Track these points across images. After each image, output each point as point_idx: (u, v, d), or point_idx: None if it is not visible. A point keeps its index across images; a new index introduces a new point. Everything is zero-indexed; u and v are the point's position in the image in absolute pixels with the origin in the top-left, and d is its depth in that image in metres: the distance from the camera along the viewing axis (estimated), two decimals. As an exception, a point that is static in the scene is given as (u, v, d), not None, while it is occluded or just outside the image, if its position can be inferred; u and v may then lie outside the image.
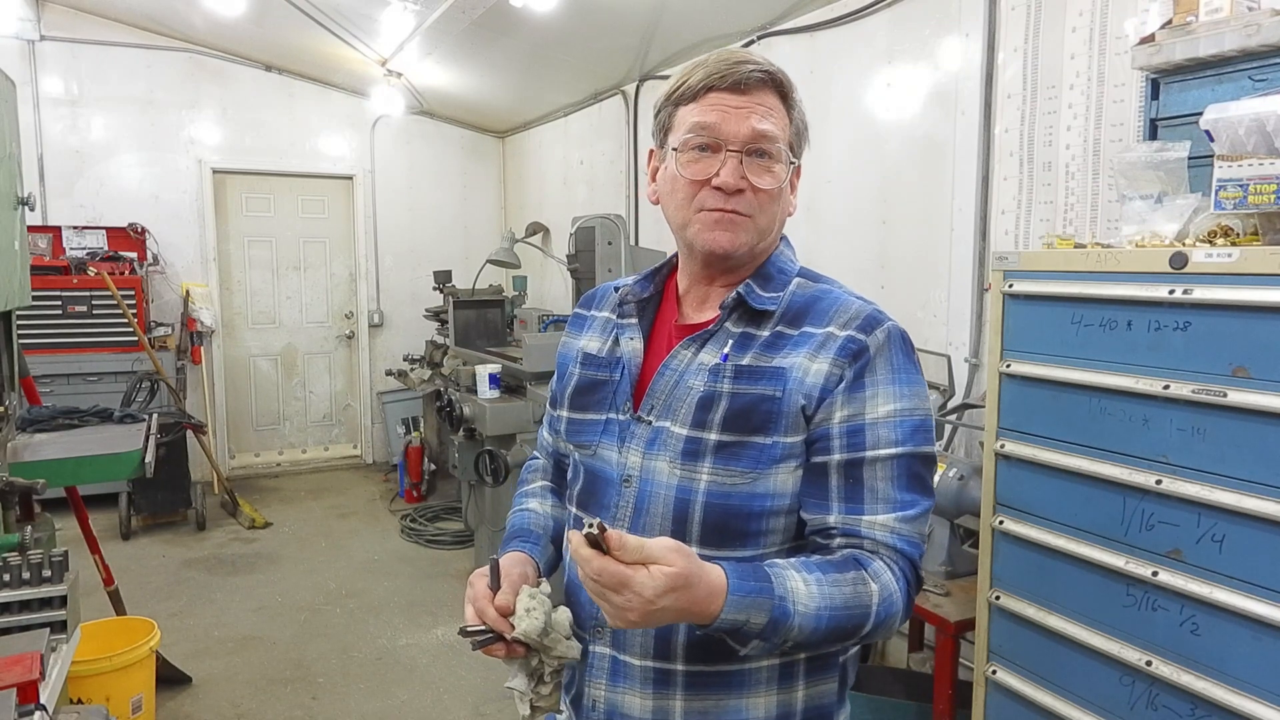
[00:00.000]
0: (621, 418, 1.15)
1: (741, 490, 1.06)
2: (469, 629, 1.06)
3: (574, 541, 0.91)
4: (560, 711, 1.20)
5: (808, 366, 1.06)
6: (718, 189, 1.07)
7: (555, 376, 1.34)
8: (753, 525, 1.07)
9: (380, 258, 6.89)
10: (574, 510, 1.21)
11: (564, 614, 1.08)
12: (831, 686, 1.14)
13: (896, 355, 1.07)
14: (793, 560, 1.01)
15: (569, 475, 1.26)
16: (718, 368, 1.09)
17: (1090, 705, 1.81)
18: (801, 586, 0.96)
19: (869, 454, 1.05)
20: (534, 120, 6.49)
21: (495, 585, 1.07)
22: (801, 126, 1.14)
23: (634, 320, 1.20)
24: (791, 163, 1.11)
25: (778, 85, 1.10)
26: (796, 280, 1.16)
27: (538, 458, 1.41)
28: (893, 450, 1.05)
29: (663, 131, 1.14)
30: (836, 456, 1.05)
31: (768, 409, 1.06)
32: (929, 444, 1.08)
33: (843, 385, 1.05)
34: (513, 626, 1.04)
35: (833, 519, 1.05)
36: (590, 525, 0.89)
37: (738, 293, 1.12)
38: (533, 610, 1.04)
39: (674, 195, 1.12)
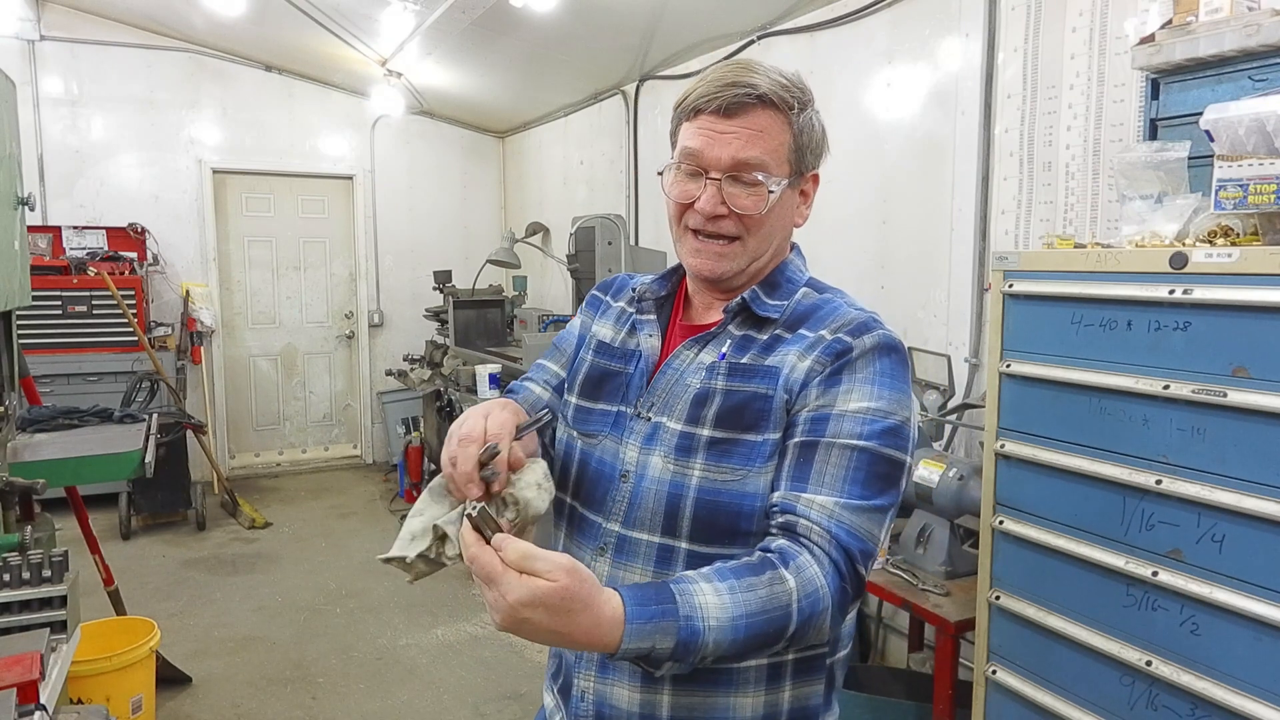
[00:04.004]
0: (629, 411, 1.16)
1: (731, 488, 1.06)
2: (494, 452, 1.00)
3: (464, 525, 0.89)
4: (434, 570, 1.07)
5: (795, 364, 1.07)
6: (700, 212, 1.10)
7: (563, 336, 1.33)
8: (742, 524, 1.07)
9: (380, 258, 6.89)
10: (568, 499, 1.20)
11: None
12: (818, 688, 1.14)
13: (881, 360, 1.06)
14: (705, 570, 0.95)
15: (559, 459, 1.23)
16: (714, 365, 1.11)
17: (1090, 705, 1.81)
18: (712, 598, 0.90)
19: (825, 439, 1.03)
20: (534, 120, 6.49)
21: (521, 434, 1.07)
22: (808, 140, 1.12)
23: (653, 317, 1.22)
24: (785, 180, 1.10)
25: (771, 104, 1.07)
26: (803, 290, 1.17)
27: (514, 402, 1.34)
28: (854, 442, 1.02)
29: (672, 142, 1.17)
30: (796, 439, 1.05)
31: (760, 407, 1.07)
32: (898, 450, 1.04)
33: (820, 379, 1.05)
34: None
35: (776, 496, 1.03)
36: (473, 508, 0.87)
37: (743, 298, 1.14)
38: (543, 488, 1.01)
39: (669, 210, 1.16)
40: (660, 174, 1.16)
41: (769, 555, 0.98)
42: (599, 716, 1.13)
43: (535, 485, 1.01)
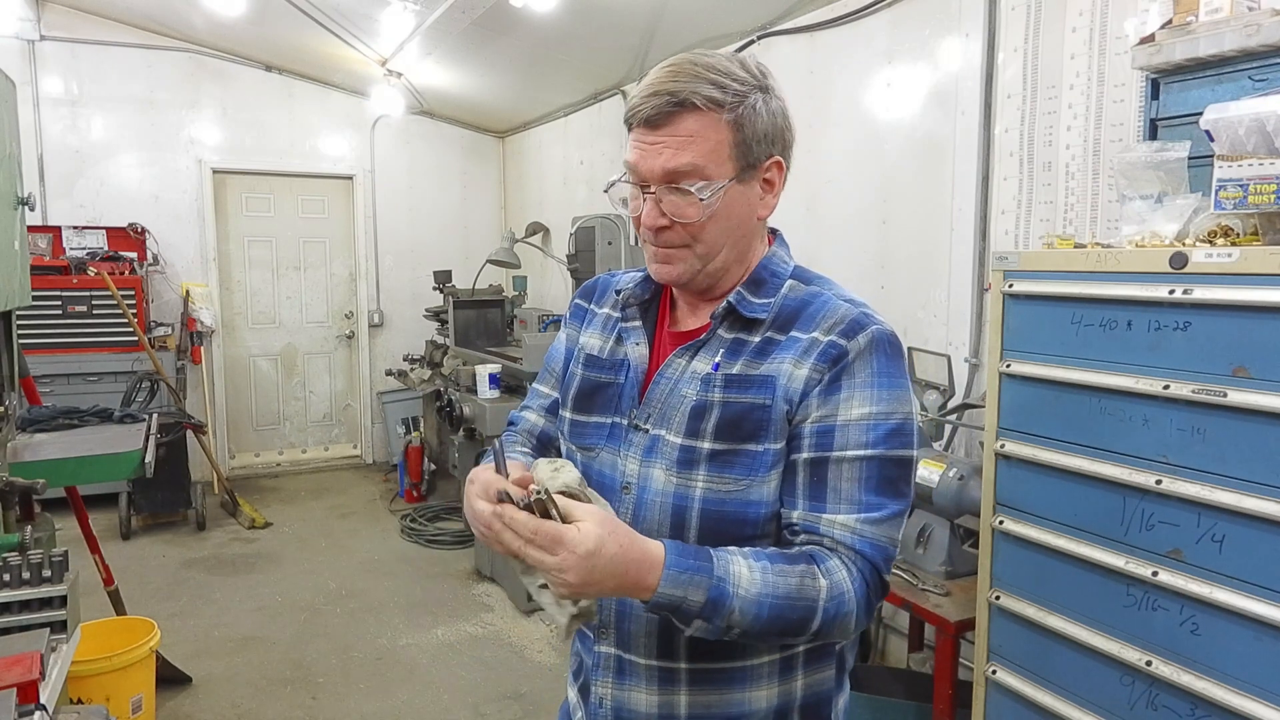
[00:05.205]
0: (624, 422, 1.16)
1: (736, 497, 1.07)
2: (506, 494, 0.96)
3: (508, 512, 0.93)
4: (591, 616, 1.06)
5: (792, 372, 1.07)
6: (645, 226, 1.09)
7: (552, 355, 1.34)
8: (748, 530, 1.08)
9: (380, 258, 6.89)
10: None
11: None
12: (829, 674, 1.16)
13: (878, 359, 1.06)
14: (744, 549, 1.02)
15: None
16: (709, 377, 1.10)
17: (1090, 705, 1.81)
18: (745, 572, 0.97)
19: (835, 454, 1.04)
20: (534, 120, 6.49)
21: (503, 469, 1.02)
22: (753, 131, 1.06)
23: (638, 324, 1.21)
24: (727, 181, 1.05)
25: (695, 107, 1.03)
26: (789, 283, 1.15)
27: (513, 436, 1.34)
28: (861, 452, 1.04)
29: None
30: (805, 454, 1.06)
31: (758, 417, 1.07)
32: (905, 448, 1.06)
33: (819, 388, 1.05)
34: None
35: (796, 515, 1.06)
36: (520, 499, 0.92)
37: (729, 301, 1.12)
38: (560, 469, 0.99)
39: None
40: (606, 191, 1.15)
41: (805, 551, 1.03)
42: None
43: (552, 472, 1.00)
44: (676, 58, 1.07)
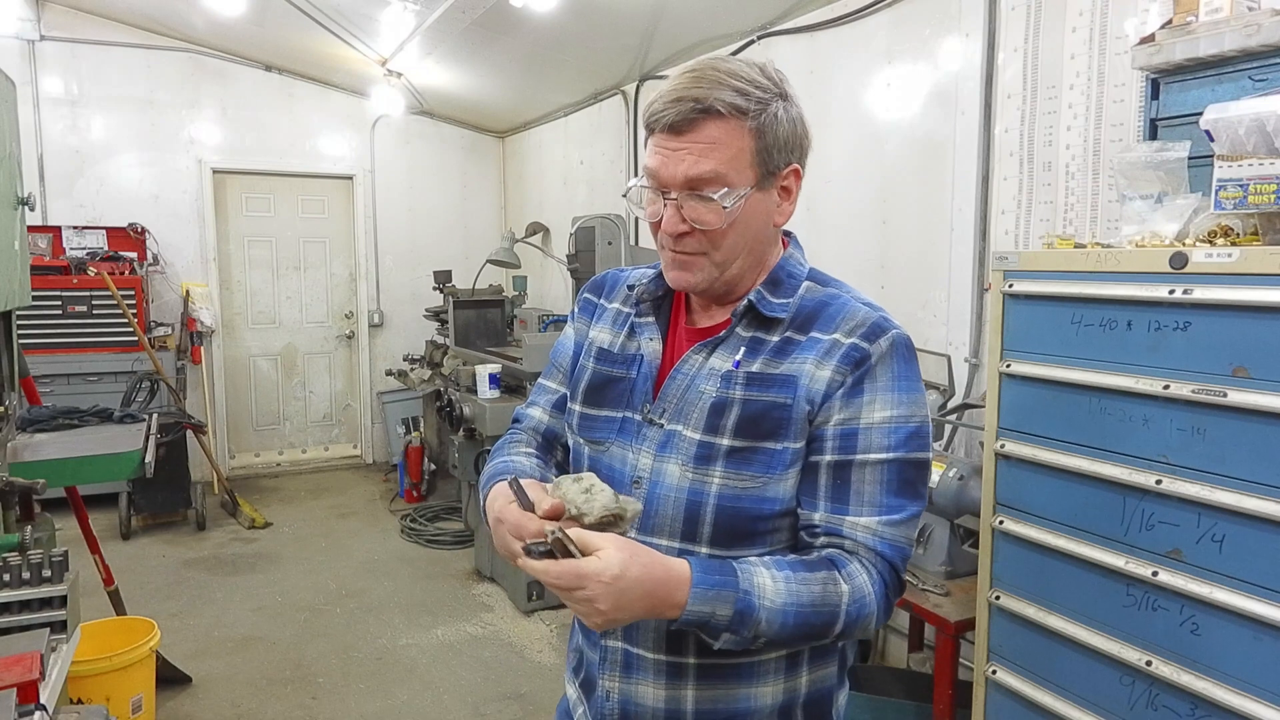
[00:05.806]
0: (636, 417, 1.16)
1: (752, 494, 1.08)
2: (532, 544, 0.96)
3: (534, 566, 0.94)
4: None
5: (814, 373, 1.08)
6: (665, 232, 1.09)
7: (558, 350, 1.34)
8: (761, 526, 1.09)
9: (380, 258, 6.89)
10: None
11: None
12: (832, 670, 1.18)
13: (898, 363, 1.08)
14: (765, 558, 1.04)
15: (571, 467, 1.27)
16: (730, 374, 1.11)
17: (1090, 705, 1.81)
18: (769, 583, 0.99)
19: (859, 457, 1.06)
20: (534, 120, 6.49)
21: (527, 503, 1.01)
22: (774, 139, 1.06)
23: (651, 319, 1.21)
24: (747, 189, 1.06)
25: (720, 114, 1.03)
26: (806, 284, 1.16)
27: (518, 434, 1.34)
28: (883, 455, 1.06)
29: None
30: (828, 457, 1.07)
31: (779, 416, 1.08)
32: (923, 450, 1.09)
33: (842, 390, 1.07)
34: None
35: (818, 517, 1.07)
36: (535, 544, 0.93)
37: (749, 300, 1.13)
38: (591, 488, 1.00)
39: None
40: (625, 195, 1.15)
41: (825, 557, 1.05)
42: (624, 715, 1.16)
43: (584, 493, 0.99)
44: (697, 63, 1.07)
